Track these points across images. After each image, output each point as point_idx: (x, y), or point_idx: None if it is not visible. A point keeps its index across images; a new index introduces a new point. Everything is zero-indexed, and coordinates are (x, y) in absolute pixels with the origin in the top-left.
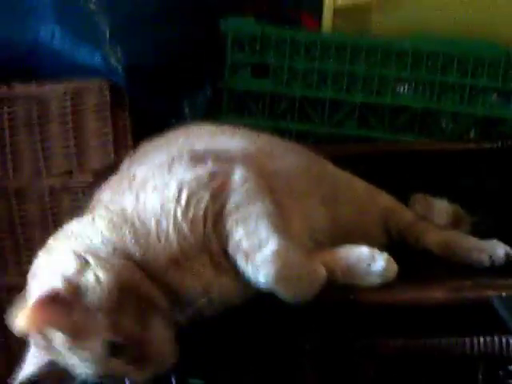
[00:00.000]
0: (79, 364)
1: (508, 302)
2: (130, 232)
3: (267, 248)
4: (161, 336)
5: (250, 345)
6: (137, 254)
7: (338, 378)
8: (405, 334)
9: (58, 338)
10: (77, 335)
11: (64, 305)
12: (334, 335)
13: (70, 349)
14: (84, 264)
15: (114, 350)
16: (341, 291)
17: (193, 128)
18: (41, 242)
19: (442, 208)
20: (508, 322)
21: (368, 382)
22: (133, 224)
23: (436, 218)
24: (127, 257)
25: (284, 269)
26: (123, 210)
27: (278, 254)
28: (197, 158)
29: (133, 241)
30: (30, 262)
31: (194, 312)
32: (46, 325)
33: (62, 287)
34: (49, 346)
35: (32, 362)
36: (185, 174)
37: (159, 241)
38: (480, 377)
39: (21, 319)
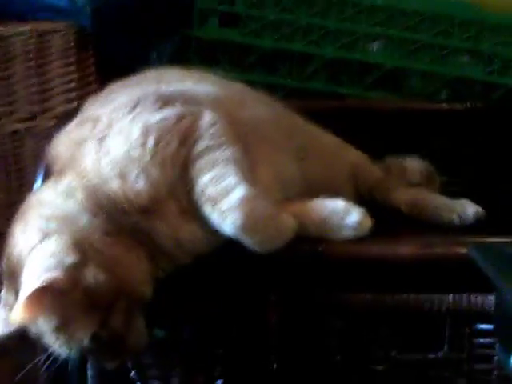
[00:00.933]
0: (56, 345)
1: (484, 250)
2: (96, 190)
3: (234, 194)
4: (140, 332)
5: (215, 295)
6: (110, 208)
7: (305, 332)
8: (373, 290)
9: (45, 324)
10: (67, 326)
11: (61, 296)
12: (300, 288)
13: (52, 335)
14: (84, 258)
15: (96, 339)
16: (310, 243)
17: (161, 71)
18: (2, 188)
19: (413, 166)
20: (485, 271)
21: (334, 337)
22: (98, 181)
23: (408, 176)
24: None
25: (251, 216)
26: (86, 169)
27: (245, 200)
28: (163, 100)
29: (103, 199)
30: None
31: (168, 263)
32: (42, 314)
33: (62, 278)
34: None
35: (1, 323)
36: (151, 116)
37: (127, 191)
38: (447, 334)
39: (17, 310)
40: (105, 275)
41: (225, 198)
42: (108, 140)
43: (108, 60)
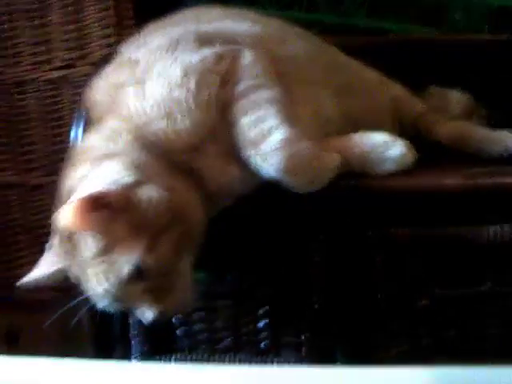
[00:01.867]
0: (95, 280)
1: None
2: (145, 132)
3: (275, 136)
4: (187, 278)
5: (257, 235)
6: (159, 148)
7: (348, 267)
8: (419, 223)
9: (88, 246)
10: (112, 247)
11: (112, 211)
12: (344, 223)
13: (96, 259)
14: (142, 178)
15: (138, 275)
16: (353, 178)
17: (198, 10)
18: (41, 138)
19: (455, 99)
20: None
21: (377, 273)
22: (145, 121)
23: (450, 109)
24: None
25: (292, 158)
26: (130, 111)
27: (286, 141)
28: (203, 40)
29: (153, 139)
30: (29, 160)
31: (214, 204)
32: (89, 224)
33: (116, 193)
34: (72, 251)
35: (44, 266)
36: (191, 56)
37: (174, 130)
38: (491, 267)
39: (66, 210)
40: (162, 193)
41: (265, 141)
42: (149, 83)
43: (145, 3)
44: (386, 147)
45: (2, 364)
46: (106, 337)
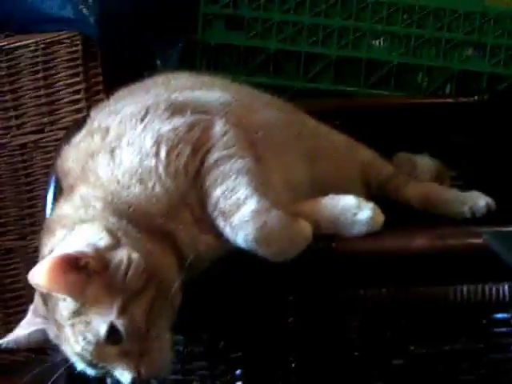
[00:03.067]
0: (72, 343)
1: (499, 236)
2: (116, 199)
3: (246, 208)
4: (164, 341)
5: (231, 298)
6: (133, 214)
7: (323, 329)
8: (388, 284)
9: (65, 306)
10: (87, 307)
11: (86, 273)
12: (314, 285)
13: (72, 319)
14: (116, 241)
15: (114, 336)
16: (323, 240)
17: (168, 76)
18: (13, 201)
19: (424, 164)
20: (502, 256)
21: (352, 333)
22: (117, 188)
23: (419, 174)
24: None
25: (263, 229)
26: (101, 179)
27: (257, 213)
28: (174, 108)
29: (125, 206)
30: (1, 224)
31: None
32: (61, 285)
33: (90, 255)
34: (49, 315)
35: (24, 326)
36: (162, 125)
37: (145, 197)
38: (464, 325)
39: (39, 269)
40: (136, 257)
41: (236, 212)
42: (119, 151)
43: (114, 68)
44: (354, 210)
45: None
46: None
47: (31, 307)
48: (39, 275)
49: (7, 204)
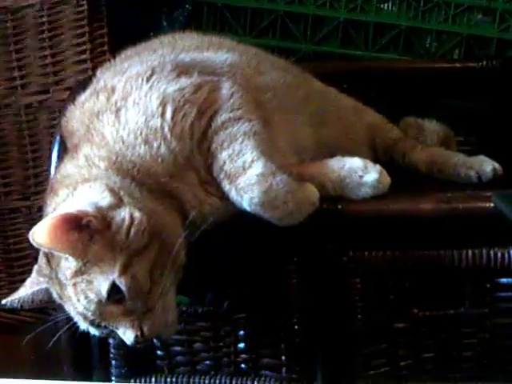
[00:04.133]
0: (75, 302)
1: (508, 197)
2: (121, 158)
3: (252, 171)
4: (167, 300)
5: (235, 259)
6: (137, 174)
7: (326, 291)
8: (393, 247)
9: (67, 265)
10: (90, 266)
11: (88, 232)
12: (320, 247)
13: (75, 278)
14: (119, 200)
15: (116, 295)
16: (329, 202)
17: (175, 36)
18: (17, 161)
19: (431, 129)
20: (509, 217)
21: (356, 295)
22: (121, 148)
23: (427, 139)
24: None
25: (269, 193)
26: (105, 139)
27: (263, 176)
28: (180, 69)
29: (129, 165)
30: (5, 184)
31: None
32: (63, 243)
33: (92, 214)
34: (52, 274)
35: (28, 286)
36: (168, 85)
37: (150, 157)
38: (468, 289)
39: (40, 227)
40: (139, 215)
41: (242, 175)
42: (124, 111)
43: (120, 29)
44: (361, 172)
45: None
46: (85, 359)
47: (35, 267)
48: (40, 233)
49: (12, 164)
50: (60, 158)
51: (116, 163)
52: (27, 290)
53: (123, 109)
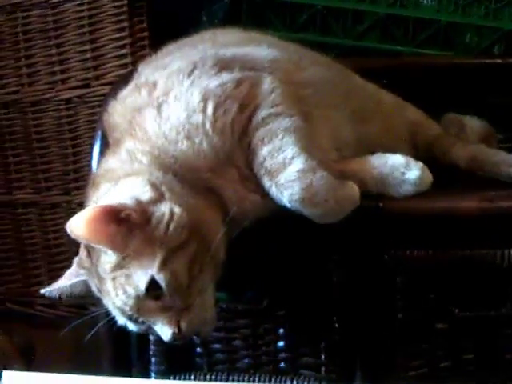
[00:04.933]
0: (113, 296)
1: None
2: (163, 154)
3: (291, 167)
4: (206, 297)
5: (276, 256)
6: (179, 169)
7: (367, 290)
8: (435, 246)
9: (107, 259)
10: (127, 262)
11: (127, 226)
12: (361, 245)
13: (114, 272)
14: (160, 195)
15: (154, 291)
16: (370, 199)
17: (216, 32)
18: (57, 157)
19: (472, 125)
20: None
21: (397, 294)
22: (164, 143)
23: (467, 136)
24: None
25: (309, 190)
26: (147, 134)
27: (303, 173)
28: (222, 64)
29: (171, 160)
30: (46, 178)
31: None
32: (101, 236)
33: (133, 208)
34: (92, 268)
35: (68, 277)
36: (209, 81)
37: (192, 152)
38: (510, 290)
39: (79, 218)
40: (179, 211)
41: (282, 171)
42: (166, 106)
43: (160, 24)
44: (403, 169)
45: (19, 379)
46: (124, 354)
47: (76, 259)
48: (78, 225)
49: (52, 159)
50: (101, 153)
51: (158, 158)
52: (66, 282)
53: (165, 104)
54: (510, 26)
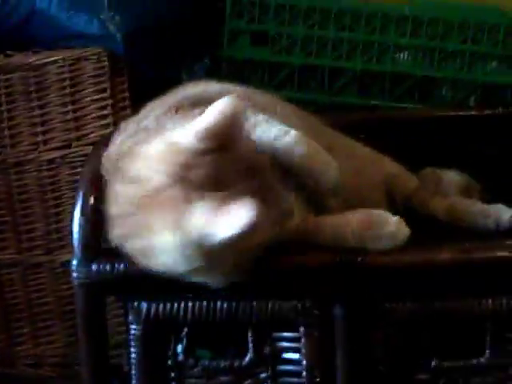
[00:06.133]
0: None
1: None
2: None
3: None
4: None
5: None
6: None
7: (347, 343)
8: (413, 298)
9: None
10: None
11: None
12: (341, 299)
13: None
14: None
15: None
16: (348, 253)
17: (199, 84)
18: (40, 217)
19: (450, 180)
20: None
21: (377, 347)
22: None
23: (446, 190)
24: None
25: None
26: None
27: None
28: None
29: None
30: (29, 238)
31: None
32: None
33: None
34: None
35: None
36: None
37: None
38: (488, 338)
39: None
40: None
41: None
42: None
43: (140, 84)
44: (381, 224)
45: None
46: None
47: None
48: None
49: (35, 219)
50: (82, 213)
51: None
52: None
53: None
54: (483, 79)
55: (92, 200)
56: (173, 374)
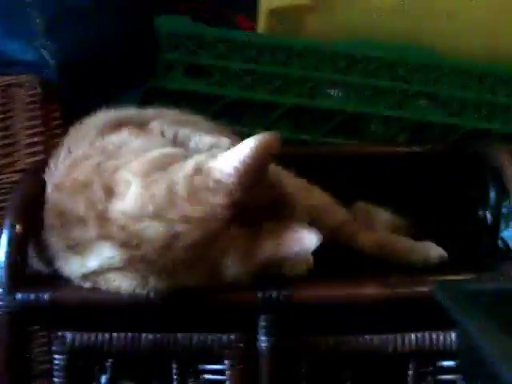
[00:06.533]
0: None
1: (447, 288)
2: None
3: None
4: None
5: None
6: None
7: (271, 375)
8: (336, 332)
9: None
10: None
11: None
12: (265, 333)
13: None
14: None
15: None
16: (273, 288)
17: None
18: None
19: (380, 216)
20: (448, 308)
21: (299, 380)
22: None
23: (376, 226)
24: None
25: None
26: None
27: None
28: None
29: None
30: None
31: None
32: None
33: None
34: None
35: None
36: None
37: None
38: (410, 372)
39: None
40: None
41: None
42: None
43: (74, 112)
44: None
45: None
46: None
47: None
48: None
49: None
50: (10, 243)
51: None
52: None
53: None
54: (414, 117)
55: (19, 228)
56: None
